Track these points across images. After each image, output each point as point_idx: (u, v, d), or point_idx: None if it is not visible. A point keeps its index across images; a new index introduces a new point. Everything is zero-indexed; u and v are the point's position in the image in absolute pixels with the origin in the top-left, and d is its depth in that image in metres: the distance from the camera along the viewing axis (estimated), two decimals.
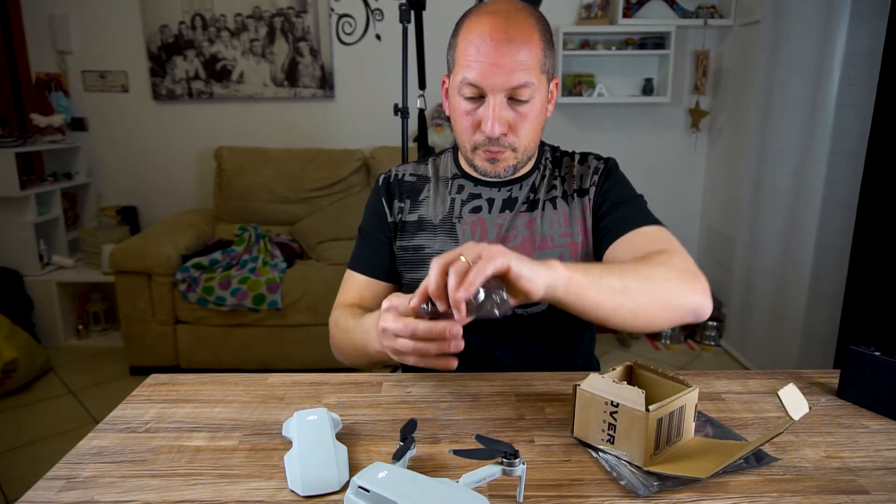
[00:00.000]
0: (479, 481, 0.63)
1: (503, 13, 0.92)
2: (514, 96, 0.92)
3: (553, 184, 1.08)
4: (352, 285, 1.11)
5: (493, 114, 0.92)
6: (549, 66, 0.96)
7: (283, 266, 2.83)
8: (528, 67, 0.91)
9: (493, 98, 0.92)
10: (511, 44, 0.89)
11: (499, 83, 0.90)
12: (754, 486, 0.67)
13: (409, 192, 1.11)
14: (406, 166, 1.15)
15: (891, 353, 0.82)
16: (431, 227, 1.08)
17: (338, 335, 1.04)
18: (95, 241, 3.19)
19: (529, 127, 0.96)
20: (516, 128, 0.95)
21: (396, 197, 1.11)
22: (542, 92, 0.95)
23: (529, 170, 1.08)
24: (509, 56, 0.89)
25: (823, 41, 2.36)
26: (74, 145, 3.35)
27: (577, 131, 3.42)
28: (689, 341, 3.22)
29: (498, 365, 1.04)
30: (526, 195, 1.07)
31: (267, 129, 3.43)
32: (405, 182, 1.12)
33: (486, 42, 0.90)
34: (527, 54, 0.90)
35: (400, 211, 1.10)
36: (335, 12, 3.30)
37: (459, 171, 1.10)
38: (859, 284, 2.25)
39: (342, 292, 1.12)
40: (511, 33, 0.90)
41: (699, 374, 0.96)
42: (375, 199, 1.13)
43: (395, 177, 1.13)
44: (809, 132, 2.45)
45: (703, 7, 3.17)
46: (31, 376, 2.75)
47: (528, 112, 0.94)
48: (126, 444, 0.76)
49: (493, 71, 0.90)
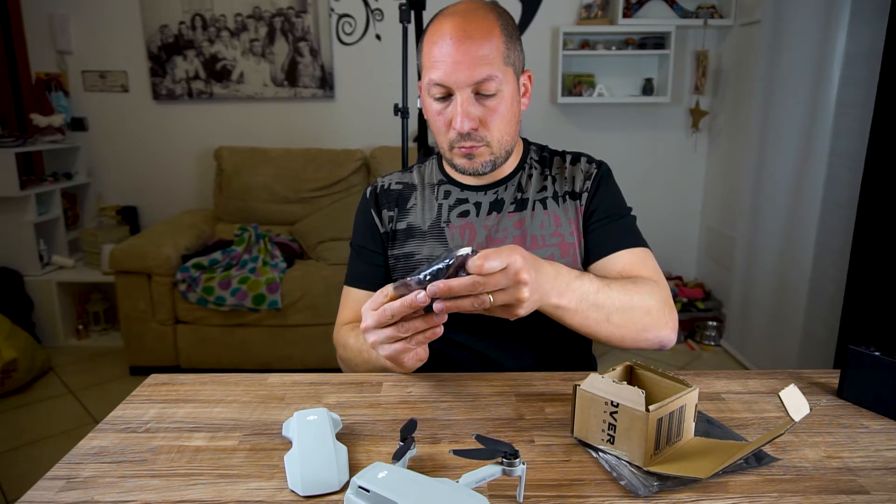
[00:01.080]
0: (479, 481, 0.63)
1: (462, 13, 0.94)
2: (481, 91, 0.94)
3: (543, 184, 1.08)
4: (351, 303, 1.11)
5: (461, 109, 0.94)
6: (515, 58, 0.98)
7: (283, 266, 2.83)
8: (491, 61, 0.93)
9: (460, 94, 0.94)
10: (471, 40, 0.92)
11: (462, 79, 0.92)
12: (754, 486, 0.67)
13: (397, 200, 1.11)
14: (391, 176, 1.16)
15: (891, 353, 0.82)
16: (420, 233, 1.08)
17: (349, 356, 1.03)
18: (95, 241, 3.19)
19: (500, 120, 0.97)
20: (486, 122, 0.96)
21: (385, 206, 1.11)
22: (509, 84, 0.96)
23: (514, 169, 1.09)
24: (470, 52, 0.92)
25: (823, 41, 2.36)
26: (74, 145, 3.35)
27: (577, 131, 3.42)
28: (689, 341, 3.22)
29: (494, 365, 1.05)
30: (513, 195, 1.07)
31: (267, 129, 3.43)
32: (392, 191, 1.13)
33: (447, 41, 0.92)
34: (488, 48, 0.92)
35: (390, 220, 1.11)
36: (335, 12, 3.30)
37: (445, 177, 1.11)
38: (859, 284, 2.25)
39: (343, 311, 1.12)
40: (470, 30, 0.92)
41: (699, 374, 0.96)
42: (365, 212, 1.13)
43: (382, 187, 1.14)
44: (809, 132, 2.45)
45: (703, 7, 3.17)
46: (31, 376, 2.75)
47: (496, 106, 0.96)
48: (126, 444, 0.76)
49: (456, 68, 0.92)
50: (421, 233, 1.08)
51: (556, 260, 1.02)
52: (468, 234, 1.05)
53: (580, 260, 1.05)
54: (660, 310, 0.94)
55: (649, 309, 0.93)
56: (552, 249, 1.04)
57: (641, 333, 0.93)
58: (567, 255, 1.04)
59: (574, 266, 1.04)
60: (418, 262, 1.06)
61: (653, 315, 0.93)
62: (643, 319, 0.92)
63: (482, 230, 1.05)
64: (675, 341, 0.97)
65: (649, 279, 0.97)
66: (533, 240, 1.04)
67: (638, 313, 0.92)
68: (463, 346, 1.06)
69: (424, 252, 1.07)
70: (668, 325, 0.95)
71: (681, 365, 2.97)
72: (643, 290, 0.93)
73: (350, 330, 1.05)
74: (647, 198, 3.38)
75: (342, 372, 1.04)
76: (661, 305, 0.94)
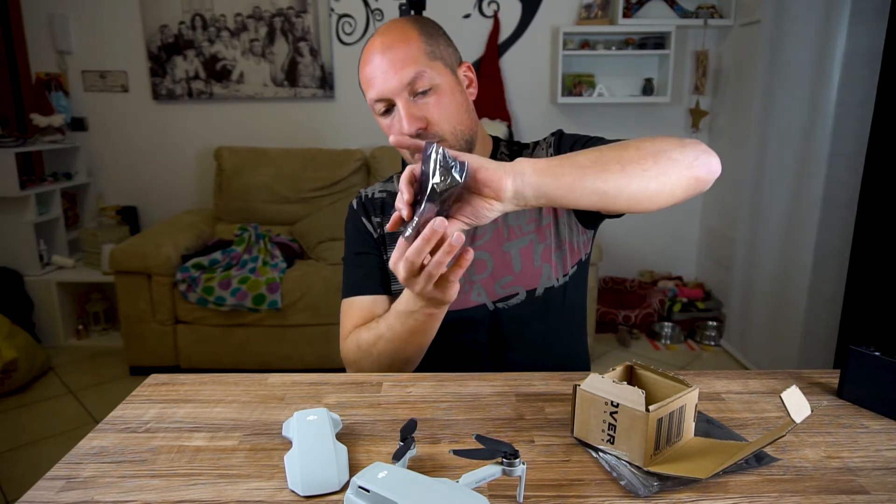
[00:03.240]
0: (479, 481, 0.63)
1: (382, 31, 0.98)
2: (416, 90, 0.95)
3: None
4: (356, 311, 1.07)
5: (404, 113, 0.94)
6: (442, 53, 0.99)
7: (283, 266, 2.83)
8: (414, 59, 0.94)
9: (399, 100, 0.95)
10: (391, 49, 0.95)
11: (394, 84, 0.94)
12: (754, 486, 0.67)
13: (381, 207, 1.13)
14: (374, 186, 1.17)
15: (891, 353, 0.82)
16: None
17: (367, 351, 1.00)
18: (95, 241, 3.19)
19: (445, 112, 0.97)
20: (432, 118, 0.96)
21: (373, 213, 1.13)
22: (444, 77, 0.97)
23: None
24: (393, 59, 0.94)
25: (823, 41, 2.36)
26: (74, 145, 3.35)
27: (577, 131, 3.41)
28: (689, 341, 3.22)
29: (492, 365, 1.05)
30: None
31: (267, 129, 3.43)
32: (376, 199, 1.14)
33: (372, 58, 0.96)
34: (407, 50, 0.95)
35: (379, 225, 1.12)
36: (335, 12, 3.30)
37: None
38: (859, 284, 2.25)
39: (346, 322, 1.08)
40: (388, 41, 0.96)
41: (699, 374, 0.96)
42: (355, 221, 1.14)
43: (367, 196, 1.15)
44: (809, 132, 2.45)
45: (703, 7, 3.17)
46: (31, 376, 2.75)
47: (437, 101, 0.96)
48: (126, 444, 0.76)
49: (385, 77, 0.94)
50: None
51: (534, 245, 1.04)
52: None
53: (560, 236, 1.05)
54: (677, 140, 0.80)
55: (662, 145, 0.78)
56: (529, 237, 1.05)
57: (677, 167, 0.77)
58: (545, 239, 1.05)
59: (556, 244, 1.05)
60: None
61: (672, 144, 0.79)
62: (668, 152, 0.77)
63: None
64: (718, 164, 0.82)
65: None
66: (511, 231, 1.05)
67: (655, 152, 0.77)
68: (463, 346, 1.06)
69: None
70: (699, 147, 0.80)
71: (681, 365, 2.97)
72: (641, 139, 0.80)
73: (360, 332, 1.02)
74: None
75: (341, 370, 1.04)
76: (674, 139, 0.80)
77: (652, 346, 3.19)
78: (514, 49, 3.35)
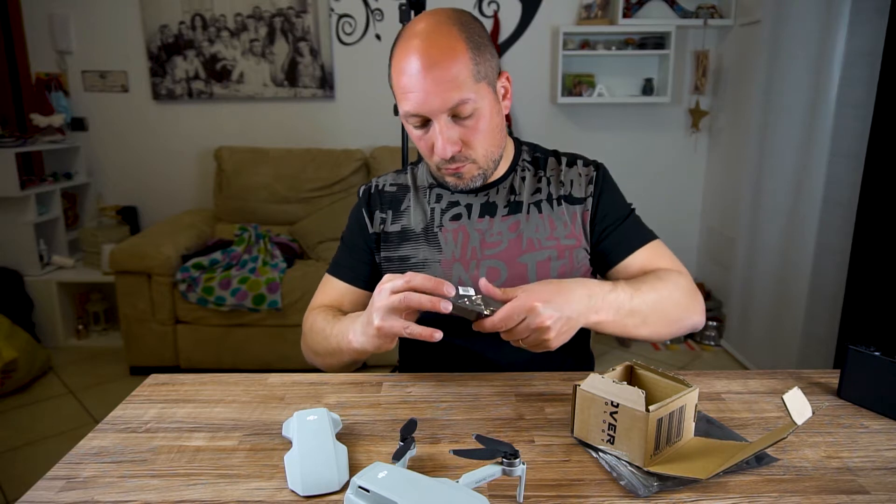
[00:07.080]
0: (479, 481, 0.63)
1: (425, 34, 0.90)
2: (457, 114, 0.92)
3: (537, 186, 1.07)
4: (330, 290, 1.12)
5: (441, 136, 0.92)
6: (487, 70, 0.94)
7: (283, 266, 2.83)
8: (461, 84, 0.90)
9: (437, 121, 0.92)
10: (437, 66, 0.89)
11: (436, 107, 0.90)
12: (754, 486, 0.67)
13: (391, 202, 1.12)
14: (387, 176, 1.15)
15: (891, 353, 0.82)
16: (415, 236, 1.08)
17: (314, 339, 1.04)
18: (95, 241, 3.19)
19: (482, 136, 0.96)
20: (469, 141, 0.95)
21: (377, 208, 1.12)
22: (485, 100, 0.94)
23: (505, 171, 1.08)
24: (438, 79, 0.89)
25: (823, 41, 2.36)
26: (74, 145, 3.35)
27: (577, 131, 3.42)
28: (689, 341, 3.22)
29: (491, 365, 1.05)
30: (506, 198, 1.07)
31: (267, 129, 3.43)
32: (386, 193, 1.13)
33: (414, 71, 0.89)
34: (455, 70, 0.89)
35: (382, 222, 1.11)
36: (335, 12, 3.30)
37: (435, 181, 1.10)
38: (859, 284, 2.25)
39: (318, 295, 1.13)
40: (434, 55, 0.89)
41: (699, 374, 0.96)
42: (357, 210, 1.14)
43: (376, 188, 1.14)
44: (809, 132, 2.45)
45: (703, 7, 3.17)
46: (31, 376, 2.75)
47: (475, 124, 0.94)
48: (126, 444, 0.76)
49: (427, 98, 0.90)
50: (415, 235, 1.08)
51: (552, 262, 1.03)
52: (461, 237, 1.05)
53: (577, 260, 1.05)
54: (688, 298, 1.00)
55: (678, 301, 0.98)
56: (549, 252, 1.04)
57: (674, 325, 0.99)
58: (563, 257, 1.04)
59: (571, 266, 1.04)
60: (413, 266, 1.06)
61: (682, 305, 0.99)
62: (675, 312, 0.98)
63: (475, 233, 1.05)
64: (704, 322, 1.03)
65: (671, 269, 1.03)
66: (529, 242, 1.04)
67: (669, 307, 0.97)
68: (463, 345, 1.06)
69: (420, 256, 1.06)
70: (697, 311, 1.01)
71: (681, 365, 2.97)
72: (670, 284, 0.98)
73: (320, 313, 1.05)
74: (647, 198, 3.38)
75: (341, 370, 1.04)
76: (688, 294, 1.00)
77: (652, 346, 3.19)
78: (514, 49, 3.35)
